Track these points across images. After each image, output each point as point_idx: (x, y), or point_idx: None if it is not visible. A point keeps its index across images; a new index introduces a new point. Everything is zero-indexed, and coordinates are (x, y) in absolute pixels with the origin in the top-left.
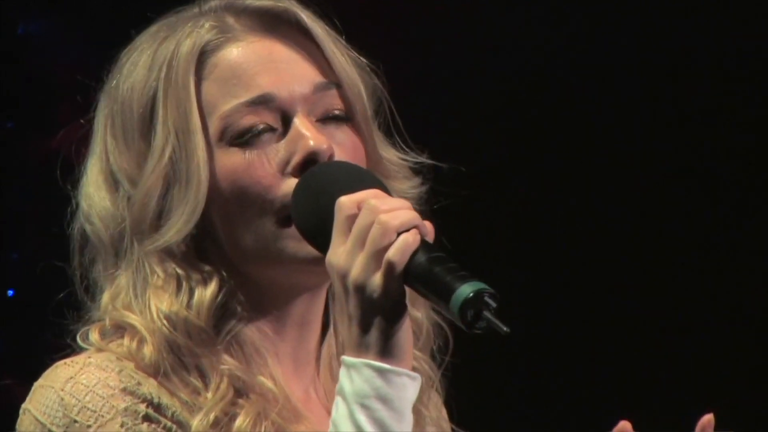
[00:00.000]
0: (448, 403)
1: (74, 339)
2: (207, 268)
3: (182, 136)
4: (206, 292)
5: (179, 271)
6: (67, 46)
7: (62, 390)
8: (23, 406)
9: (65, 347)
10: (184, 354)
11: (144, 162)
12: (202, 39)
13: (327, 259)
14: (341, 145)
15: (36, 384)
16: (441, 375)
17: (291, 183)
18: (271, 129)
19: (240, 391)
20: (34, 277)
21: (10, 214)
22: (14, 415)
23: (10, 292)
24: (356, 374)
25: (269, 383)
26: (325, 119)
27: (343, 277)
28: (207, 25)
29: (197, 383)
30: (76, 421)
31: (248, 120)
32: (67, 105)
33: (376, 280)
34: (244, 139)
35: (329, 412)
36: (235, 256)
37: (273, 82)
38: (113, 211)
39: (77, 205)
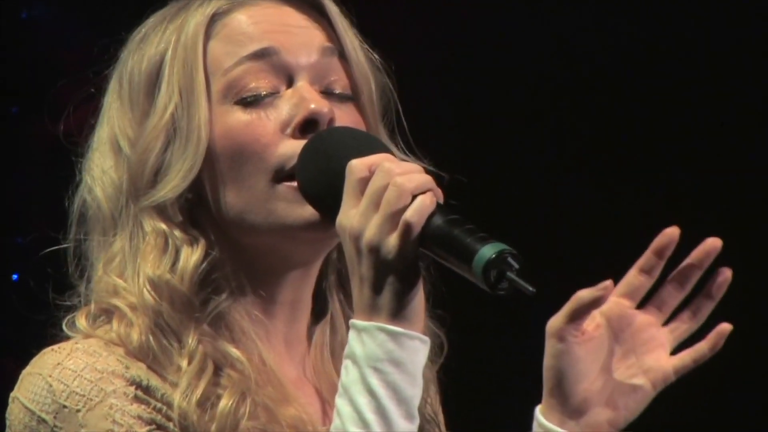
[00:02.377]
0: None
1: (59, 327)
2: (195, 232)
3: (186, 94)
4: (192, 257)
5: (168, 232)
6: (71, 31)
7: (50, 376)
8: (12, 394)
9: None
10: (168, 329)
11: (145, 121)
12: (215, 5)
13: (338, 221)
14: (342, 119)
15: (24, 372)
16: (437, 379)
17: (289, 144)
18: (274, 92)
19: (220, 366)
20: (38, 261)
21: (15, 199)
22: None
23: (14, 277)
24: (368, 337)
25: (248, 363)
26: (329, 93)
27: (356, 238)
28: None
29: (181, 361)
30: (65, 407)
31: (252, 79)
32: (70, 90)
33: (391, 241)
34: (246, 98)
35: (319, 393)
36: (224, 221)
37: (280, 40)
38: (113, 177)
39: (80, 180)
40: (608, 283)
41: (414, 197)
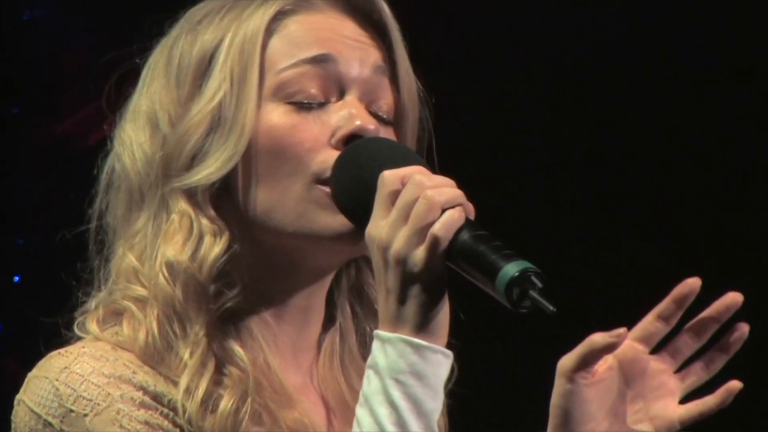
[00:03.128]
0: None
1: (69, 328)
2: (221, 224)
3: (237, 84)
4: (215, 248)
5: (194, 217)
6: (73, 32)
7: (57, 380)
8: (17, 396)
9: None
10: (176, 319)
11: (190, 103)
12: (280, 3)
13: (367, 232)
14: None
15: (30, 374)
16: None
17: (331, 153)
18: (324, 101)
19: (222, 363)
20: (39, 262)
21: (16, 200)
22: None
23: (15, 278)
24: (391, 349)
25: (251, 363)
26: (374, 113)
27: (384, 249)
28: None
29: (185, 351)
30: (72, 411)
31: (305, 83)
32: (72, 91)
33: (419, 254)
34: (296, 100)
35: (325, 401)
36: (249, 216)
37: (338, 49)
38: (147, 152)
39: (107, 153)
40: (623, 330)
41: (443, 211)
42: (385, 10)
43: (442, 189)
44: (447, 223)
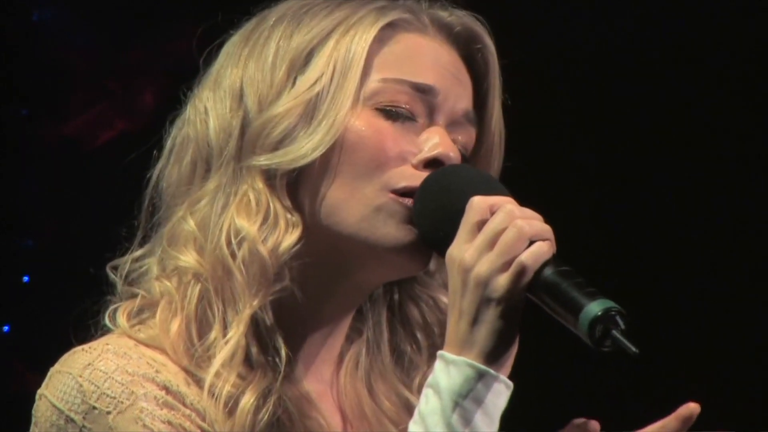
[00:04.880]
0: None
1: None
2: (296, 216)
3: (337, 78)
4: (288, 236)
5: (270, 201)
6: (81, 34)
7: (80, 376)
8: (39, 391)
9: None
10: (223, 297)
11: (283, 87)
12: (396, 14)
13: (449, 253)
14: None
15: (52, 369)
16: None
17: (409, 170)
18: (414, 119)
19: (251, 355)
20: (48, 263)
21: (25, 201)
22: (25, 401)
23: (24, 279)
24: (456, 371)
25: (285, 357)
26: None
27: (466, 271)
28: (402, 9)
29: (219, 332)
30: (95, 408)
31: (402, 100)
32: (81, 92)
33: (501, 280)
34: (388, 110)
35: (342, 410)
36: (317, 212)
37: (440, 82)
38: (225, 122)
39: (170, 121)
40: None
41: (531, 243)
42: (491, 57)
43: (532, 221)
44: (536, 254)
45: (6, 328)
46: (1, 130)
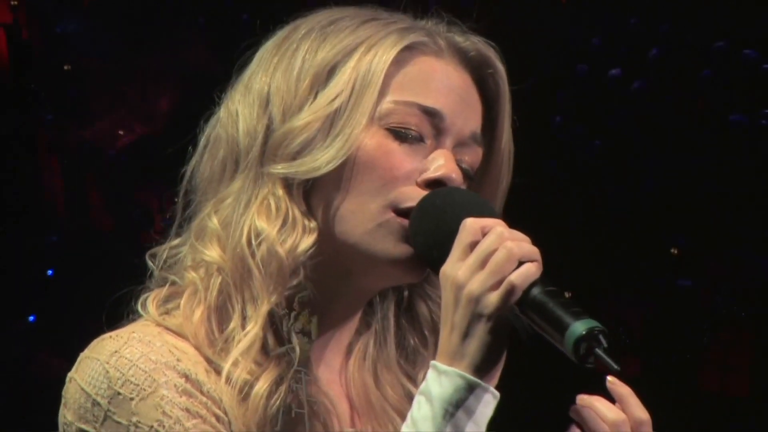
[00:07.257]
0: None
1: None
2: (312, 221)
3: (355, 97)
4: (305, 239)
5: (289, 206)
6: (101, 44)
7: (107, 363)
8: (69, 375)
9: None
10: (241, 293)
11: (305, 99)
12: (415, 37)
13: (442, 270)
14: None
15: (82, 355)
16: None
17: (413, 189)
18: (423, 140)
19: (267, 345)
20: (71, 258)
21: (50, 200)
22: (51, 387)
23: (49, 272)
24: (447, 381)
25: (300, 351)
26: (458, 165)
27: (459, 288)
28: (421, 32)
29: (238, 323)
30: (119, 393)
31: (411, 122)
32: (100, 98)
33: (491, 298)
34: (398, 131)
35: (349, 398)
36: (328, 219)
37: (449, 106)
38: (251, 126)
39: (205, 120)
40: None
41: (520, 263)
42: (502, 84)
43: (521, 243)
44: (524, 275)
45: (32, 317)
46: (28, 133)
